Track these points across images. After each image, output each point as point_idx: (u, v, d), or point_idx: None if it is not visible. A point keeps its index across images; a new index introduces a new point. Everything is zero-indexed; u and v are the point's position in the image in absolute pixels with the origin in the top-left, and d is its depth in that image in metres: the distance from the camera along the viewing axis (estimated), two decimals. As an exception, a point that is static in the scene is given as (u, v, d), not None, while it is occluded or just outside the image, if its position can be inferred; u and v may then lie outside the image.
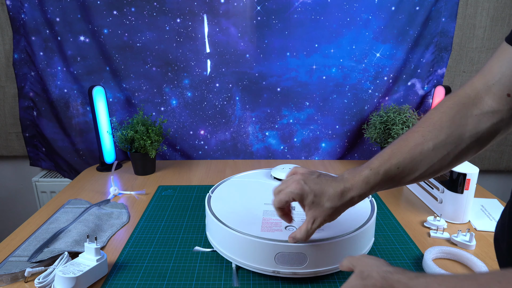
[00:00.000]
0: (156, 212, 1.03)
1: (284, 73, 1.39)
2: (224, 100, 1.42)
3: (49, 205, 1.07)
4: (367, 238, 0.77)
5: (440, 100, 1.33)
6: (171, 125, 1.45)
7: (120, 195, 1.15)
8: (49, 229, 0.91)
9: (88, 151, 1.47)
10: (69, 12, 1.29)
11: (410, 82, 1.41)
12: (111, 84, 1.39)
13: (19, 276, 0.74)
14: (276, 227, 0.74)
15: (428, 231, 0.93)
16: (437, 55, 1.38)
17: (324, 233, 0.72)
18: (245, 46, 1.35)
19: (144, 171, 1.32)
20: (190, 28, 1.33)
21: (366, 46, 1.35)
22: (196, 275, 0.76)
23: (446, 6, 1.32)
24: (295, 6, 1.30)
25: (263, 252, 0.70)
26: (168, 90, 1.41)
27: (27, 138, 1.46)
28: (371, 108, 1.44)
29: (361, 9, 1.31)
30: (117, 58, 1.35)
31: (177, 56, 1.36)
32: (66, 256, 0.76)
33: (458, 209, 0.95)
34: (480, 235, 0.91)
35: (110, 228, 0.94)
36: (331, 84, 1.40)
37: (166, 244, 0.87)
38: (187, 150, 1.50)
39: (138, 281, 0.74)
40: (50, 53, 1.34)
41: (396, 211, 1.04)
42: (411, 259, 0.81)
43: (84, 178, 1.30)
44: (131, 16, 1.31)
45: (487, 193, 1.17)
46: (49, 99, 1.39)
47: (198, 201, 1.11)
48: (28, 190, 1.61)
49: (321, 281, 0.74)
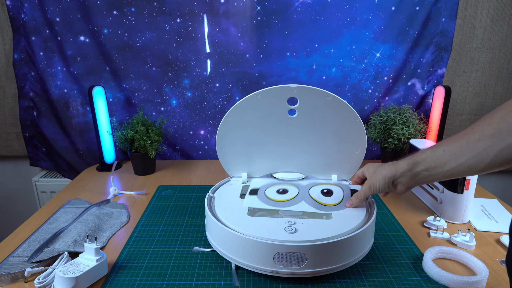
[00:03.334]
0: (156, 212, 1.04)
1: (284, 73, 1.39)
2: (224, 100, 1.42)
3: (49, 205, 1.07)
4: (367, 238, 0.77)
5: (440, 100, 1.33)
6: (171, 125, 1.45)
7: (120, 195, 1.15)
8: (49, 229, 0.91)
9: (88, 151, 1.47)
10: (69, 12, 1.29)
11: (410, 82, 1.41)
12: (111, 84, 1.39)
13: (19, 276, 0.74)
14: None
15: (428, 231, 0.93)
16: (437, 55, 1.38)
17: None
18: (245, 46, 1.35)
19: (144, 171, 1.32)
20: (190, 28, 1.33)
21: (366, 46, 1.35)
22: (196, 275, 0.76)
23: (446, 6, 1.32)
24: (295, 6, 1.30)
25: (262, 252, 0.70)
26: (168, 90, 1.41)
27: (27, 138, 1.46)
28: (371, 108, 1.44)
29: (361, 9, 1.31)
30: (117, 58, 1.35)
31: (177, 56, 1.36)
32: (66, 256, 0.76)
33: (458, 209, 0.95)
34: (480, 235, 0.91)
35: (110, 228, 0.94)
36: (331, 84, 1.40)
37: (166, 244, 0.87)
38: (187, 150, 1.50)
39: (138, 281, 0.74)
40: (50, 53, 1.34)
41: (396, 211, 1.04)
42: (411, 259, 0.81)
43: (84, 178, 1.30)
44: (131, 16, 1.31)
45: (487, 193, 1.17)
46: (49, 99, 1.39)
47: (198, 201, 1.11)
48: (28, 190, 1.61)
49: (320, 281, 0.74)
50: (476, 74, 1.42)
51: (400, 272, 0.77)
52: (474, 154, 0.55)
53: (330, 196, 0.86)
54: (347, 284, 0.73)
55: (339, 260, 0.72)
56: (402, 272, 0.77)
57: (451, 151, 0.59)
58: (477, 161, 0.55)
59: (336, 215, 0.79)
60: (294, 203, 0.84)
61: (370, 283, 0.73)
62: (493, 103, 1.45)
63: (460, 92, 1.44)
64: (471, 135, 0.56)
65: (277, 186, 0.93)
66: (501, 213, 1.02)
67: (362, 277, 0.75)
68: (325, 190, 0.88)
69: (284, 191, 0.89)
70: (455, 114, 1.47)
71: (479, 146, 0.54)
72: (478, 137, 0.55)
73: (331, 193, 0.87)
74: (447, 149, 0.60)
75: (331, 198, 0.86)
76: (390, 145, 1.28)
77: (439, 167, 0.62)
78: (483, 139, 0.54)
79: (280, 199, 0.86)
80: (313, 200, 0.85)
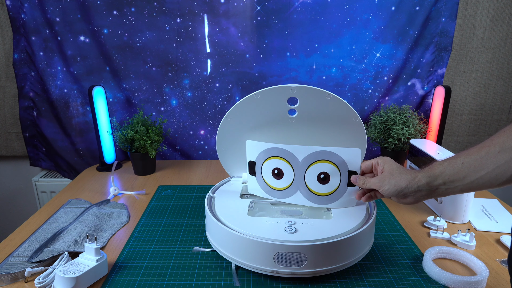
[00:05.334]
0: (156, 212, 1.04)
1: (284, 73, 1.39)
2: (224, 100, 1.42)
3: (49, 205, 1.07)
4: (367, 238, 0.77)
5: (440, 100, 1.33)
6: (171, 125, 1.45)
7: (120, 195, 1.15)
8: (49, 229, 0.91)
9: (88, 151, 1.47)
10: (69, 12, 1.29)
11: (410, 82, 1.41)
12: (111, 84, 1.39)
13: (19, 276, 0.74)
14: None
15: (428, 231, 0.93)
16: (437, 55, 1.38)
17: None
18: (245, 46, 1.35)
19: (144, 171, 1.32)
20: (190, 28, 1.33)
21: (366, 46, 1.35)
22: (196, 275, 0.76)
23: (446, 6, 1.32)
24: (295, 6, 1.30)
25: (262, 252, 0.70)
26: (168, 90, 1.41)
27: (27, 138, 1.46)
28: (371, 108, 1.44)
29: (361, 9, 1.31)
30: (117, 58, 1.35)
31: (177, 56, 1.36)
32: (66, 256, 0.76)
33: (458, 209, 0.95)
34: (480, 235, 0.91)
35: (110, 228, 0.94)
36: (331, 84, 1.40)
37: (166, 244, 0.87)
38: (187, 150, 1.50)
39: (138, 281, 0.74)
40: (50, 53, 1.34)
41: (396, 211, 1.04)
42: (411, 259, 0.81)
43: (84, 178, 1.30)
44: (131, 16, 1.31)
45: (487, 193, 1.17)
46: (49, 99, 1.39)
47: (198, 201, 1.11)
48: (28, 190, 1.61)
49: (320, 281, 0.74)
50: (476, 74, 1.42)
51: (400, 272, 0.77)
52: (495, 167, 0.53)
53: (326, 182, 0.82)
54: (347, 284, 0.73)
55: (339, 260, 0.72)
56: (402, 272, 0.77)
57: (471, 163, 0.56)
58: (498, 173, 0.53)
59: (336, 215, 0.79)
60: (290, 194, 0.84)
61: (370, 283, 0.73)
62: (493, 103, 1.45)
63: (460, 92, 1.44)
64: (491, 147, 0.54)
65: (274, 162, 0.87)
66: (501, 213, 1.02)
67: (362, 277, 0.75)
68: (322, 176, 0.83)
69: (280, 173, 0.85)
70: (455, 114, 1.47)
71: (500, 159, 0.53)
72: (499, 149, 0.53)
73: (327, 179, 0.82)
74: (466, 161, 0.57)
75: (327, 186, 0.82)
76: (390, 145, 1.28)
77: (458, 181, 0.58)
78: (504, 151, 0.52)
79: (276, 187, 0.86)
80: (308, 190, 0.83)
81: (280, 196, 0.85)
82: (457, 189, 0.59)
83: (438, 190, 0.61)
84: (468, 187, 0.58)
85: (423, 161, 1.05)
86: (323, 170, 0.81)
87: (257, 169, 0.88)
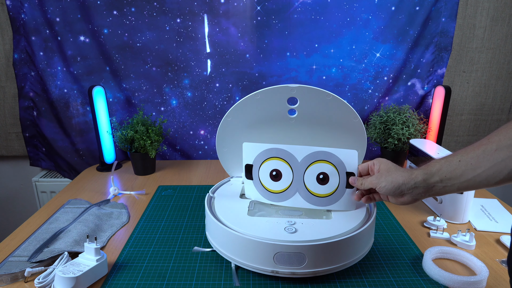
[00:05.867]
0: (156, 212, 1.04)
1: (284, 73, 1.39)
2: (224, 100, 1.42)
3: (49, 205, 1.07)
4: (367, 238, 0.77)
5: (440, 100, 1.33)
6: (171, 125, 1.45)
7: (120, 195, 1.15)
8: (49, 229, 0.91)
9: (88, 151, 1.47)
10: (69, 12, 1.29)
11: (410, 82, 1.41)
12: (111, 84, 1.39)
13: (19, 276, 0.74)
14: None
15: (428, 231, 0.93)
16: (437, 55, 1.38)
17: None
18: (245, 46, 1.35)
19: (144, 171, 1.32)
20: (190, 28, 1.33)
21: (366, 46, 1.35)
22: (196, 275, 0.76)
23: (446, 6, 1.32)
24: (295, 6, 1.30)
25: (262, 252, 0.70)
26: (168, 90, 1.41)
27: (27, 138, 1.46)
28: (371, 108, 1.44)
29: (361, 9, 1.31)
30: (117, 58, 1.35)
31: (177, 56, 1.36)
32: (66, 256, 0.76)
33: (458, 209, 0.95)
34: (480, 235, 0.91)
35: (110, 228, 0.94)
36: (331, 84, 1.40)
37: (166, 244, 0.87)
38: (187, 150, 1.50)
39: (138, 281, 0.74)
40: (50, 53, 1.34)
41: (396, 211, 1.04)
42: (411, 259, 0.81)
43: (84, 178, 1.30)
44: (131, 16, 1.31)
45: (487, 193, 1.17)
46: (49, 99, 1.39)
47: (198, 201, 1.11)
48: (28, 190, 1.61)
49: (320, 281, 0.74)
50: (476, 74, 1.42)
51: (400, 272, 0.77)
52: (492, 165, 0.53)
53: (325, 183, 0.82)
54: (347, 284, 0.73)
55: (339, 260, 0.72)
56: (402, 272, 0.77)
57: (468, 161, 0.56)
58: (495, 171, 0.53)
59: (336, 215, 0.79)
60: (289, 196, 0.83)
61: (370, 283, 0.73)
62: (493, 103, 1.45)
63: (460, 92, 1.44)
64: (488, 145, 0.54)
65: (272, 163, 0.86)
66: (501, 213, 1.02)
67: (362, 277, 0.75)
68: (321, 176, 0.82)
69: (278, 174, 0.85)
70: (455, 114, 1.47)
71: (497, 157, 0.53)
72: (496, 147, 0.53)
73: (326, 179, 0.82)
74: (463, 159, 0.57)
75: (326, 186, 0.82)
76: (390, 145, 1.28)
77: (455, 178, 0.58)
78: (501, 150, 0.52)
79: (274, 190, 0.85)
80: (308, 191, 0.83)
81: (278, 199, 0.84)
82: (454, 187, 0.59)
83: (435, 188, 0.61)
84: (465, 185, 0.58)
85: (423, 161, 1.05)
86: (322, 171, 0.81)
87: (254, 172, 0.87)
